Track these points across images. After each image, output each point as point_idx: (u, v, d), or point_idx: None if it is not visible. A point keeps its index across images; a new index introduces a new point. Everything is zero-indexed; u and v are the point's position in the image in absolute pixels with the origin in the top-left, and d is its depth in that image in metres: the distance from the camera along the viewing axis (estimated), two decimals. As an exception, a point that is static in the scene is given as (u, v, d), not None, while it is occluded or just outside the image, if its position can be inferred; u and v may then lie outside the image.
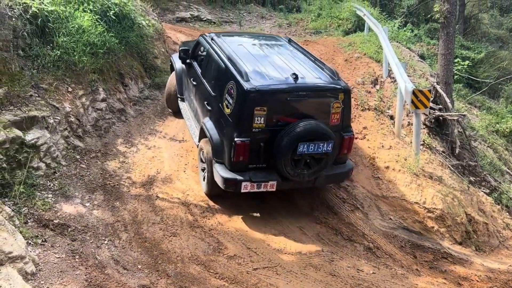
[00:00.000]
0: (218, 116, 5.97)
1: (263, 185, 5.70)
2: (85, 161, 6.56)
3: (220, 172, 5.66)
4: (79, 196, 5.79)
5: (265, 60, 6.30)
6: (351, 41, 13.12)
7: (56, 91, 6.64)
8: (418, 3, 18.06)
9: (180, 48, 7.97)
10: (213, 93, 6.23)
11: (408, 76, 8.77)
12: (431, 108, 8.05)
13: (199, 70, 7.05)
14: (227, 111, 5.70)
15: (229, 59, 6.08)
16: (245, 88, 5.40)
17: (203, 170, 6.32)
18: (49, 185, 5.75)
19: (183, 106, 7.78)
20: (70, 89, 6.96)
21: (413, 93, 7.01)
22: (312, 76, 5.99)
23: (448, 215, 6.43)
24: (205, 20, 16.60)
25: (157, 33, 10.58)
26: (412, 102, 7.02)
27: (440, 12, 8.49)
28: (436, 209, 6.44)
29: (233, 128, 5.53)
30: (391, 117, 8.79)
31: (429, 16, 10.14)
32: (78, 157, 6.54)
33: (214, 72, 6.40)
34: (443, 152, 8.25)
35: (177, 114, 8.26)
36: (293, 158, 5.52)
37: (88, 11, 7.73)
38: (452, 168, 7.78)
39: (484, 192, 7.95)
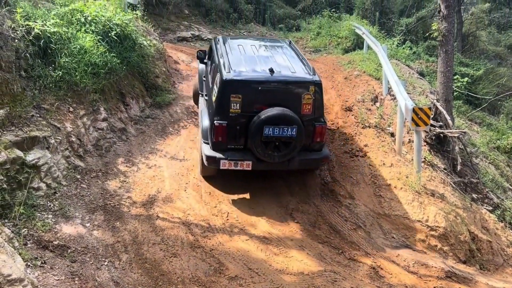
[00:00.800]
0: (209, 104, 6.99)
1: (240, 163, 6.46)
2: (86, 181, 6.54)
3: (205, 151, 6.55)
4: (79, 217, 5.76)
5: (254, 57, 7.22)
6: (351, 59, 13.23)
7: (58, 111, 6.67)
8: (416, 21, 18.24)
9: (198, 51, 9.02)
10: (211, 86, 7.20)
11: (408, 93, 8.80)
12: (431, 125, 8.06)
13: (209, 68, 7.96)
14: (213, 98, 6.68)
15: (222, 55, 7.00)
16: (224, 78, 6.32)
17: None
18: (50, 205, 5.72)
19: (201, 100, 8.22)
20: (71, 109, 6.99)
21: (414, 111, 7.02)
22: (289, 71, 6.79)
23: (451, 233, 6.36)
24: (205, 40, 16.76)
25: (158, 52, 10.69)
26: (413, 120, 7.03)
27: (439, 31, 8.55)
28: (439, 227, 6.38)
29: (214, 112, 6.44)
30: (392, 135, 8.79)
31: (427, 34, 10.21)
32: (78, 177, 6.53)
33: (213, 68, 7.39)
34: (444, 169, 8.22)
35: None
36: (262, 140, 6.26)
37: (90, 32, 7.82)
38: (454, 185, 7.74)
39: (487, 210, 7.89)
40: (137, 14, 10.63)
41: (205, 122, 6.83)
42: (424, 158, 7.90)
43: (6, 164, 5.27)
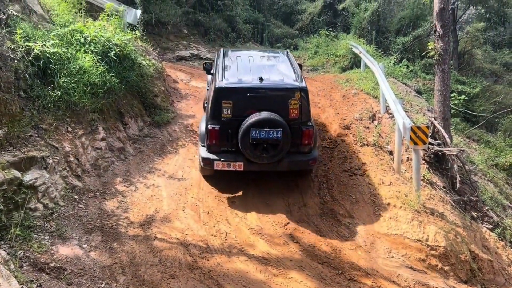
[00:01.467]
0: (206, 110, 7.52)
1: (232, 164, 6.95)
2: (83, 201, 6.50)
3: (201, 153, 7.15)
4: (77, 238, 5.70)
5: (249, 67, 7.71)
6: (348, 77, 13.34)
7: (56, 131, 6.67)
8: (413, 40, 18.46)
9: (205, 63, 9.54)
10: (208, 94, 7.89)
11: (406, 111, 8.85)
12: (429, 143, 8.08)
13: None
14: (208, 104, 7.21)
15: (219, 66, 7.60)
16: (216, 85, 6.91)
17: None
18: (46, 226, 5.67)
19: None
20: (70, 129, 7.00)
21: (412, 129, 7.04)
22: (278, 78, 7.34)
23: (452, 252, 6.31)
24: (204, 59, 16.91)
25: (157, 72, 10.75)
26: (411, 138, 7.04)
27: (435, 50, 8.65)
28: (439, 246, 6.32)
29: (209, 117, 6.98)
30: (390, 153, 8.81)
31: (424, 53, 10.32)
32: (76, 197, 6.49)
33: (212, 78, 8.01)
34: (443, 187, 8.20)
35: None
36: (251, 142, 6.69)
37: (90, 52, 7.89)
38: (453, 204, 7.72)
39: (487, 228, 7.85)
40: (136, 34, 10.72)
41: (202, 127, 7.41)
42: (423, 177, 7.89)
43: (3, 185, 5.24)
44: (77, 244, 5.59)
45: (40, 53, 6.75)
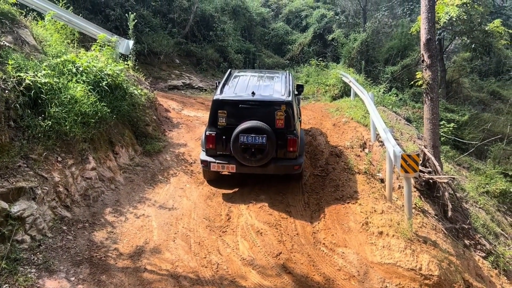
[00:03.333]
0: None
1: (226, 166, 8.00)
2: (72, 232, 6.38)
3: (201, 156, 8.22)
4: (64, 270, 5.56)
5: (246, 84, 8.78)
6: (339, 106, 13.50)
7: (46, 161, 6.60)
8: (401, 69, 18.85)
9: (217, 81, 10.28)
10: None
11: (396, 139, 8.94)
12: (420, 171, 8.12)
13: None
14: (209, 115, 8.14)
15: (221, 83, 8.73)
16: (214, 98, 8.04)
17: None
18: (33, 259, 5.53)
19: None
20: (59, 159, 6.94)
21: (402, 157, 7.08)
22: (268, 93, 8.38)
23: (446, 282, 6.24)
24: (196, 88, 17.08)
25: (149, 101, 10.80)
26: (402, 166, 7.07)
27: (423, 79, 8.81)
28: (433, 275, 6.26)
29: (208, 125, 8.10)
30: (382, 181, 8.83)
31: (412, 82, 10.51)
32: (65, 228, 6.37)
33: None
34: (435, 215, 8.20)
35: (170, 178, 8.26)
36: (240, 146, 7.66)
37: (81, 82, 7.92)
38: (446, 232, 7.70)
39: (480, 256, 7.81)
40: (128, 64, 10.83)
41: (203, 135, 8.31)
42: (415, 204, 7.89)
43: (-11, 216, 5.15)
44: (65, 277, 5.45)
45: (31, 83, 6.75)
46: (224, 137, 7.88)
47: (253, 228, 7.12)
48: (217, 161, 7.98)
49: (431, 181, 8.51)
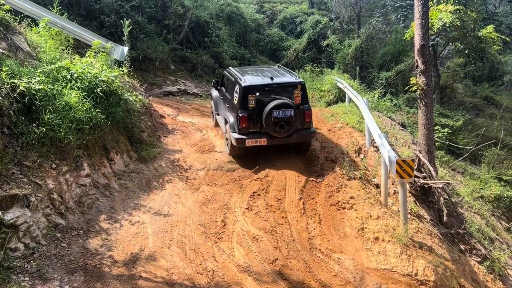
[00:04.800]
0: (231, 107, 10.03)
1: (258, 140, 9.48)
2: (66, 239, 6.33)
3: (234, 136, 9.52)
4: (58, 278, 5.51)
5: (257, 73, 10.73)
6: (333, 111, 13.53)
7: (40, 168, 6.56)
8: (396, 75, 18.93)
9: (213, 80, 13.25)
10: (229, 97, 10.47)
11: (391, 145, 8.95)
12: (415, 176, 8.14)
13: (224, 89, 11.34)
14: (235, 101, 9.80)
15: (236, 75, 10.33)
16: (242, 85, 9.53)
17: (227, 143, 10.22)
18: (27, 267, 5.48)
19: (218, 118, 11.88)
20: (54, 166, 6.89)
21: (397, 163, 7.10)
22: (282, 77, 10.19)
23: (442, 287, 6.25)
24: (191, 94, 17.07)
25: (144, 107, 10.78)
26: (397, 172, 7.09)
27: (417, 85, 8.86)
28: (429, 281, 6.26)
29: (238, 108, 9.54)
30: (377, 186, 8.85)
31: (407, 87, 10.57)
32: (59, 235, 6.32)
33: (230, 85, 10.73)
34: (431, 220, 8.22)
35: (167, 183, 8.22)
36: (272, 121, 9.28)
37: (76, 88, 7.88)
38: (441, 237, 7.71)
39: (476, 261, 7.83)
40: (123, 70, 10.81)
41: (231, 119, 9.84)
42: (410, 210, 7.91)
43: (-18, 224, 5.09)
44: (59, 285, 5.40)
45: (25, 90, 6.72)
46: (254, 116, 9.43)
47: (249, 234, 7.10)
48: (250, 137, 9.42)
49: (426, 186, 8.54)
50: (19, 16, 9.10)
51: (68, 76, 8.00)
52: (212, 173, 9.30)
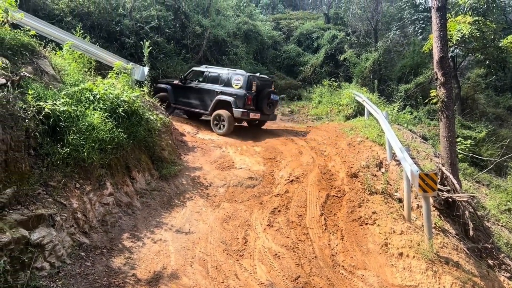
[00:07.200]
0: (229, 91, 13.81)
1: (255, 115, 13.74)
2: (90, 258, 6.41)
3: (240, 110, 13.39)
4: (83, 297, 5.56)
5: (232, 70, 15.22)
6: (353, 125, 13.46)
7: (64, 188, 6.70)
8: (415, 87, 18.76)
9: (187, 73, 15.59)
10: (225, 86, 14.08)
11: (412, 158, 8.84)
12: (439, 190, 7.99)
13: (201, 81, 14.98)
14: (237, 87, 13.69)
15: (219, 70, 14.80)
16: (247, 75, 13.81)
17: (217, 126, 13.88)
18: (52, 286, 5.55)
19: (177, 106, 15.45)
20: (78, 185, 7.03)
21: (420, 177, 6.99)
22: (263, 75, 15.56)
23: (471, 304, 6.07)
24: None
25: (165, 126, 10.93)
26: (420, 186, 6.98)
27: (438, 97, 8.76)
28: (457, 298, 6.10)
29: (245, 91, 13.50)
30: (400, 200, 8.71)
31: (427, 100, 10.46)
32: (83, 254, 6.40)
33: (216, 78, 14.46)
34: (456, 234, 8.02)
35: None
36: (268, 102, 13.94)
37: (99, 109, 8.06)
38: (468, 252, 7.52)
39: (505, 277, 7.58)
40: (144, 90, 11.03)
41: (231, 98, 13.62)
42: (435, 224, 7.75)
43: (10, 244, 5.20)
44: (83, 304, 5.45)
45: (50, 112, 6.91)
46: (255, 97, 13.63)
47: (270, 251, 7.06)
48: (252, 112, 13.55)
49: (450, 199, 8.37)
50: (44, 41, 9.41)
51: (91, 97, 8.20)
52: (232, 189, 9.32)
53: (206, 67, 15.37)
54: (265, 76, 14.93)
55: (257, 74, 14.20)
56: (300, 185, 9.18)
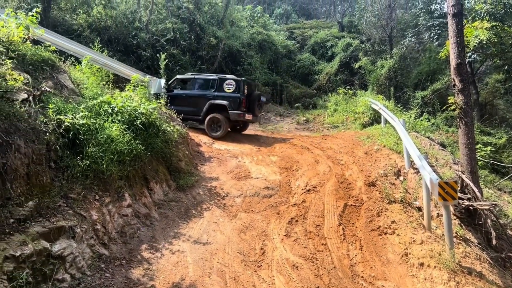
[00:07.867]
0: (222, 95, 14.67)
1: (248, 115, 14.65)
2: (110, 269, 6.46)
3: (236, 112, 14.28)
4: (103, 309, 5.60)
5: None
6: (369, 133, 13.36)
7: (84, 200, 6.79)
8: (432, 94, 18.56)
9: (171, 81, 15.77)
10: (216, 91, 14.89)
11: (431, 166, 8.71)
12: (459, 198, 7.85)
13: (186, 90, 15.61)
14: (229, 91, 14.63)
15: (209, 76, 15.58)
16: (242, 79, 14.79)
17: (213, 129, 14.57)
18: (73, 297, 5.61)
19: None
20: (97, 197, 7.12)
21: (439, 185, 6.88)
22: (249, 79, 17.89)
23: (495, 315, 5.91)
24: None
25: (181, 137, 11.03)
26: (439, 194, 6.87)
27: (456, 104, 8.65)
28: (481, 309, 5.95)
29: (239, 94, 14.42)
30: (419, 209, 8.57)
31: (445, 106, 10.33)
32: (103, 265, 6.46)
33: (206, 83, 15.22)
34: (479, 244, 7.85)
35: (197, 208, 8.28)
36: (258, 103, 15.13)
37: (117, 121, 8.19)
38: (491, 261, 7.34)
39: (531, 287, 7.37)
40: (160, 102, 11.16)
41: (225, 101, 14.46)
42: (456, 233, 7.60)
43: (32, 256, 5.29)
44: (103, 315, 5.48)
45: (70, 125, 7.04)
46: (247, 100, 14.69)
47: (288, 262, 7.01)
48: (246, 113, 14.52)
49: (471, 208, 8.21)
50: (64, 56, 9.64)
51: (109, 110, 8.34)
52: (249, 199, 9.32)
53: (191, 74, 16.00)
54: (251, 80, 17.69)
55: (243, 79, 15.06)
56: (317, 195, 9.13)
